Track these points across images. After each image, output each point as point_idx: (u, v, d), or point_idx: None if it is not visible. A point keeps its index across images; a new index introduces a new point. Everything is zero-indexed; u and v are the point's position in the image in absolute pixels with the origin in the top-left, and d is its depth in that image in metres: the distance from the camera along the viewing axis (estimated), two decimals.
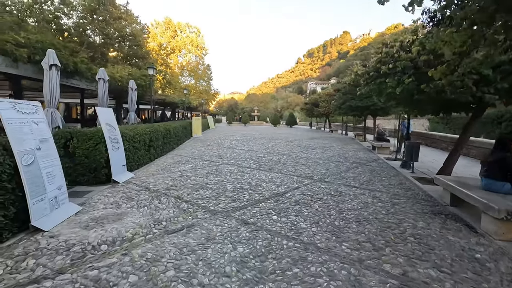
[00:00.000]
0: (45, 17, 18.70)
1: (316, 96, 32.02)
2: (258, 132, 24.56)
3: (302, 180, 6.18)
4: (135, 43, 24.71)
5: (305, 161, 8.88)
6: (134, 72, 13.60)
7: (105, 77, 7.87)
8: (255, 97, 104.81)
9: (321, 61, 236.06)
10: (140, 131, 7.35)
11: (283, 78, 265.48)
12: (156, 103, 23.64)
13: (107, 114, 5.74)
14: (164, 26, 52.38)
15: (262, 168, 7.44)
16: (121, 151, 5.99)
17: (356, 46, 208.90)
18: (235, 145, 13.37)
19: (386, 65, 5.64)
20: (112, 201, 4.32)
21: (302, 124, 54.77)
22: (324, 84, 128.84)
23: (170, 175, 6.29)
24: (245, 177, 6.28)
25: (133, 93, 9.95)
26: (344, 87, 15.97)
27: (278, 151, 11.15)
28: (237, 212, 3.97)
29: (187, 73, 54.52)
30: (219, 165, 7.77)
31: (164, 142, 9.63)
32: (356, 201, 4.71)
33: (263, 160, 8.79)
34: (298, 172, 7.07)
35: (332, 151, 11.61)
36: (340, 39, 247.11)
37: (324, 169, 7.57)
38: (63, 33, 20.58)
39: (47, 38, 7.53)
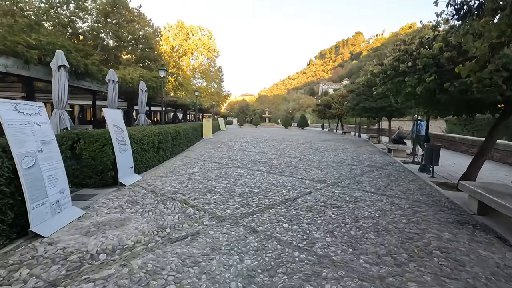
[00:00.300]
0: (60, 21, 19.12)
1: (328, 97, 31.51)
2: (269, 134, 24.30)
3: (314, 184, 5.89)
4: (147, 46, 24.98)
5: (318, 164, 8.57)
6: (145, 74, 13.64)
7: (115, 78, 7.83)
8: (266, 99, 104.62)
9: (333, 62, 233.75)
10: (148, 132, 7.24)
11: (295, 80, 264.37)
12: (167, 105, 23.78)
13: (114, 115, 5.64)
14: (177, 29, 53.04)
15: (272, 171, 7.19)
16: (129, 153, 5.88)
17: (369, 46, 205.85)
18: (246, 147, 13.16)
19: (405, 63, 5.29)
20: (116, 205, 4.17)
21: (313, 126, 54.14)
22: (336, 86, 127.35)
23: (178, 178, 6.13)
24: (254, 181, 6.05)
25: (143, 95, 9.91)
26: (358, 87, 15.52)
27: (289, 154, 10.86)
28: (245, 219, 3.74)
29: (199, 75, 54.99)
30: (229, 168, 7.57)
31: (173, 144, 9.53)
32: (373, 208, 4.39)
33: (274, 163, 8.53)
34: (310, 175, 6.78)
35: (346, 154, 11.23)
36: (353, 40, 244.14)
37: (338, 172, 7.25)
38: (78, 37, 21.03)
39: (58, 40, 7.56)
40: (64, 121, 5.67)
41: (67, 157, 5.09)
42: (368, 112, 14.64)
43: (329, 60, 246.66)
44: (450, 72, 4.59)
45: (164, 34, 49.52)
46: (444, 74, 4.73)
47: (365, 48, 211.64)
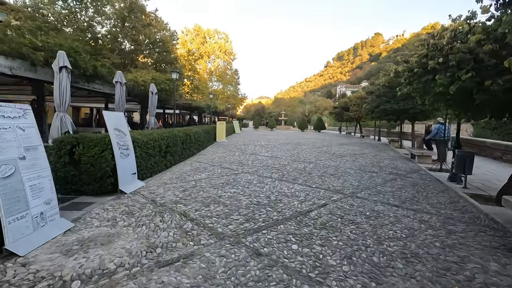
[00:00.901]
0: (79, 26, 19.53)
1: (346, 99, 30.52)
2: (284, 137, 23.73)
3: (330, 194, 5.32)
4: (164, 49, 25.14)
5: (334, 170, 7.95)
6: (158, 76, 13.51)
7: (122, 80, 7.61)
8: (283, 101, 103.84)
9: (351, 64, 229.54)
10: (155, 136, 6.94)
11: (312, 82, 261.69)
12: (182, 108, 23.77)
13: (115, 118, 5.35)
14: (194, 33, 53.68)
15: (284, 179, 6.67)
16: (131, 159, 5.56)
17: (389, 47, 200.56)
18: (259, 151, 12.70)
19: (435, 60, 4.65)
20: (110, 217, 3.81)
21: (330, 128, 52.91)
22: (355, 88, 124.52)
23: (183, 185, 5.75)
24: (264, 190, 5.56)
25: (153, 97, 9.69)
26: (378, 89, 14.68)
27: (304, 159, 10.29)
28: (249, 238, 3.26)
29: (215, 78, 55.31)
30: (238, 174, 7.13)
31: (183, 147, 9.21)
32: (398, 226, 3.79)
33: (287, 169, 8.00)
34: (325, 184, 6.21)
35: (365, 159, 10.50)
36: (372, 41, 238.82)
37: (356, 181, 6.62)
38: (97, 41, 21.44)
39: (66, 42, 7.44)
40: (65, 125, 5.44)
41: (65, 163, 4.84)
42: (389, 114, 13.78)
43: (347, 62, 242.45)
44: (491, 68, 3.93)
45: (181, 38, 50.29)
46: (483, 71, 4.07)
47: (384, 49, 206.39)
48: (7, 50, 5.87)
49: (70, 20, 19.51)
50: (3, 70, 5.81)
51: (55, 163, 4.81)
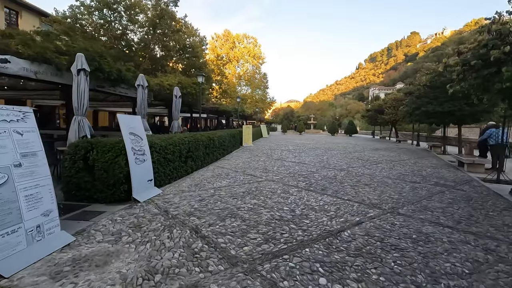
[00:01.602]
0: (114, 34, 20.41)
1: (380, 102, 28.78)
2: (313, 142, 22.82)
3: (365, 209, 4.58)
4: (193, 55, 25.51)
5: (369, 179, 7.12)
6: (184, 80, 13.48)
7: (144, 83, 7.46)
8: (312, 105, 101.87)
9: (385, 66, 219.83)
10: (175, 141, 6.64)
11: (342, 85, 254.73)
12: (209, 112, 23.84)
13: (131, 121, 5.09)
14: (223, 38, 54.56)
15: (312, 188, 6.01)
16: (148, 165, 5.26)
17: (427, 47, 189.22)
18: (285, 156, 12.07)
19: (501, 48, 3.78)
20: (115, 230, 3.46)
21: (363, 133, 50.54)
22: (389, 90, 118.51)
23: (200, 194, 5.33)
24: (289, 201, 4.96)
25: (177, 101, 9.53)
26: (418, 89, 13.36)
27: (335, 165, 9.49)
28: (267, 265, 2.70)
29: (244, 82, 55.65)
30: (261, 182, 6.59)
31: (206, 152, 8.89)
32: (457, 255, 3.00)
33: (315, 177, 7.31)
34: (359, 196, 5.45)
35: (404, 167, 9.45)
36: (408, 41, 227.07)
37: (396, 192, 5.77)
38: (130, 48, 22.29)
39: (90, 46, 7.47)
40: (83, 129, 5.31)
41: (79, 168, 4.63)
42: (431, 117, 12.45)
43: (380, 63, 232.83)
44: None
45: (211, 44, 51.35)
46: None
47: (421, 49, 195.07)
48: (32, 54, 5.90)
49: (106, 29, 20.43)
50: (28, 74, 5.85)
51: (69, 169, 4.64)
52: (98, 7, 19.23)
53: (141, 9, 21.39)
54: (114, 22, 20.29)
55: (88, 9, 19.11)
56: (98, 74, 7.29)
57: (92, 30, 20.16)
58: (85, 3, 19.34)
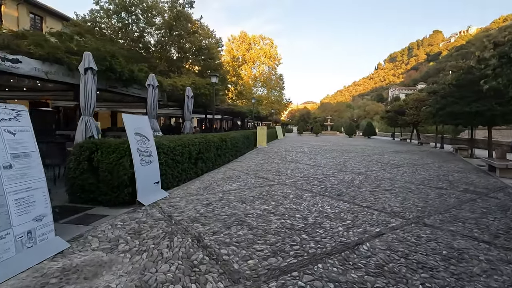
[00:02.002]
0: (131, 37, 20.74)
1: (401, 102, 27.65)
2: (329, 143, 22.20)
3: (386, 218, 4.15)
4: (208, 56, 25.54)
5: (390, 185, 6.62)
6: (198, 80, 13.37)
7: (155, 83, 7.33)
8: (329, 106, 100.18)
9: (406, 65, 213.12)
10: (185, 142, 6.44)
11: (360, 86, 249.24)
12: (224, 113, 23.74)
13: (137, 122, 4.91)
14: (240, 40, 54.72)
15: (327, 193, 5.61)
16: (154, 166, 5.07)
17: (450, 45, 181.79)
18: (300, 158, 11.66)
19: None
20: (113, 237, 3.25)
21: (382, 134, 48.97)
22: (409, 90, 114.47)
23: (208, 198, 5.07)
24: (301, 207, 4.61)
25: (189, 101, 9.38)
26: (443, 88, 12.55)
27: (352, 168, 8.99)
28: (273, 283, 2.37)
29: (259, 83, 55.51)
30: (273, 186, 6.26)
31: (217, 154, 8.66)
32: (498, 279, 2.54)
33: (331, 181, 6.89)
34: (379, 203, 5.00)
35: (428, 171, 8.81)
36: (430, 40, 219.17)
37: (420, 200, 5.27)
38: (148, 50, 22.59)
39: (102, 46, 7.43)
40: (90, 129, 5.20)
41: (84, 170, 4.49)
42: (457, 118, 11.64)
43: (400, 63, 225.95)
44: None
45: (228, 46, 51.59)
46: None
47: (445, 48, 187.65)
48: (43, 55, 5.88)
49: (124, 32, 20.79)
50: (39, 74, 5.82)
51: (74, 170, 4.51)
52: (117, 11, 19.60)
53: (158, 12, 21.65)
54: (131, 25, 20.60)
55: (107, 12, 19.53)
56: (110, 74, 7.24)
57: (111, 33, 20.58)
58: (104, 7, 19.79)
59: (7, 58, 5.27)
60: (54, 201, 4.67)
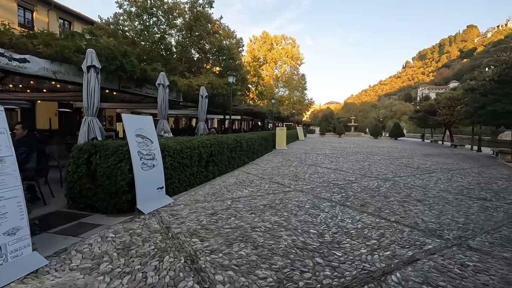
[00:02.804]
0: (152, 39, 20.96)
1: (432, 101, 25.83)
2: (353, 145, 21.14)
3: (420, 238, 3.47)
4: (229, 56, 25.35)
5: (421, 194, 5.82)
6: (215, 80, 13.06)
7: (165, 82, 7.03)
8: (353, 106, 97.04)
9: (436, 63, 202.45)
10: (194, 144, 6.06)
11: (387, 85, 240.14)
12: (244, 114, 23.38)
13: (139, 122, 4.56)
14: (261, 40, 54.48)
15: (349, 203, 4.96)
16: (158, 171, 4.70)
17: (487, 41, 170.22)
18: (321, 161, 10.96)
19: None
20: (99, 253, 2.87)
21: (410, 136, 46.45)
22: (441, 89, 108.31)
23: (215, 206, 4.62)
24: (318, 220, 4.02)
25: (203, 101, 9.04)
26: (483, 85, 11.28)
27: (378, 174, 8.20)
28: None
29: (281, 84, 54.96)
30: (288, 192, 5.70)
31: (231, 156, 8.23)
32: None
33: (354, 188, 6.21)
34: (410, 217, 4.29)
35: (466, 178, 7.82)
36: (463, 35, 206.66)
37: (461, 214, 4.48)
38: (168, 51, 22.78)
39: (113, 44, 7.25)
40: (93, 130, 4.94)
41: (82, 174, 4.21)
42: (500, 118, 10.38)
43: (430, 60, 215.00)
44: None
45: (249, 46, 51.46)
46: None
47: (480, 43, 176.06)
48: (52, 54, 5.74)
49: (145, 34, 21.06)
50: (47, 74, 5.68)
51: (72, 174, 4.25)
52: (138, 13, 19.88)
53: (179, 13, 21.74)
54: (152, 27, 20.83)
55: (129, 15, 19.86)
56: (121, 73, 7.04)
57: (133, 36, 20.93)
58: (127, 10, 20.15)
59: (14, 58, 5.14)
60: (52, 206, 4.46)
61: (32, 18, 20.59)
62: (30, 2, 20.54)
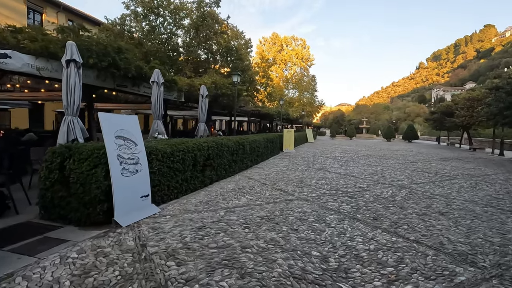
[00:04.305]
0: (159, 39, 20.72)
1: (449, 102, 24.62)
2: (365, 148, 20.27)
3: (449, 265, 2.80)
4: (237, 57, 24.90)
5: (444, 205, 5.09)
6: (219, 80, 12.55)
7: (159, 80, 6.54)
8: (365, 108, 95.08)
9: (451, 64, 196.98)
10: (189, 146, 5.53)
11: (400, 87, 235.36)
12: (251, 115, 22.86)
13: (120, 122, 4.06)
14: (271, 41, 54.11)
15: (360, 216, 4.31)
16: (142, 176, 4.19)
17: (505, 40, 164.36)
18: (330, 165, 10.28)
19: None
20: (50, 280, 2.36)
21: (425, 138, 44.82)
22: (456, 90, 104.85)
23: (204, 217, 4.06)
24: (322, 238, 3.40)
25: (203, 101, 8.52)
26: (509, 83, 10.35)
27: (392, 180, 7.47)
28: None
29: (291, 85, 54.41)
30: (291, 201, 5.09)
31: (232, 160, 7.67)
32: None
33: (365, 197, 5.54)
34: (433, 234, 3.61)
35: (492, 186, 7.00)
36: (480, 35, 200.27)
37: (494, 231, 3.76)
38: (174, 52, 22.49)
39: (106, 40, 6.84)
40: (73, 131, 4.47)
41: (55, 180, 3.73)
42: None
43: (445, 61, 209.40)
44: None
45: (259, 48, 51.10)
46: None
47: (498, 43, 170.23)
48: (37, 49, 5.34)
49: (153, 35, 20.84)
50: (31, 71, 5.28)
51: (44, 180, 3.78)
52: (145, 13, 19.69)
53: (187, 14, 21.42)
54: (158, 27, 20.58)
55: (136, 15, 19.69)
56: (113, 71, 6.61)
57: (140, 36, 20.74)
58: (134, 11, 19.99)
59: None
60: (25, 216, 3.99)
61: (41, 20, 20.70)
62: (39, 4, 20.65)
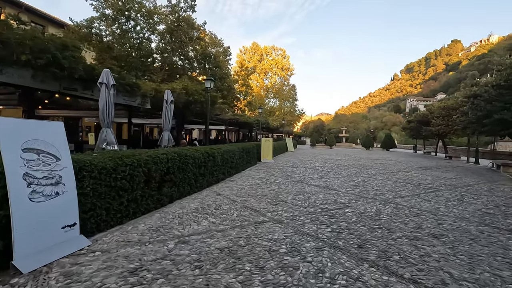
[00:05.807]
0: (131, 44, 19.58)
1: (425, 112, 25.05)
2: (345, 157, 19.93)
3: None
4: (214, 65, 24.17)
5: (435, 224, 4.46)
6: (191, 85, 11.68)
7: (109, 81, 5.58)
8: (344, 118, 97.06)
9: (423, 76, 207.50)
10: (140, 159, 4.60)
11: (376, 97, 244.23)
12: (229, 124, 22.03)
13: (29, 130, 3.09)
14: (251, 51, 54.14)
15: (341, 243, 3.55)
16: (66, 200, 3.22)
17: (470, 55, 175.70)
18: (309, 176, 9.59)
19: None
20: None
21: (401, 147, 45.83)
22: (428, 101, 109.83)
23: (145, 253, 3.14)
24: (294, 281, 2.59)
25: (167, 107, 7.62)
26: (487, 91, 10.23)
27: (375, 193, 6.85)
28: None
29: (272, 94, 54.43)
30: (262, 224, 4.26)
31: (199, 173, 6.77)
32: None
33: (347, 216, 4.82)
34: (432, 269, 2.90)
35: (478, 198, 6.54)
36: (448, 49, 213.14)
37: (500, 261, 3.12)
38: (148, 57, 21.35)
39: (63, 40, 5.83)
40: None
41: None
42: (509, 127, 9.27)
43: (417, 73, 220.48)
44: None
45: (239, 57, 50.85)
46: None
47: (464, 57, 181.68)
48: None
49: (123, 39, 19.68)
50: None
51: None
52: (114, 16, 18.56)
53: (162, 19, 20.47)
54: (130, 32, 19.48)
55: (105, 18, 18.51)
56: (54, 70, 5.60)
57: (110, 40, 19.50)
58: (103, 13, 18.82)
59: None
60: None
61: None
62: None
